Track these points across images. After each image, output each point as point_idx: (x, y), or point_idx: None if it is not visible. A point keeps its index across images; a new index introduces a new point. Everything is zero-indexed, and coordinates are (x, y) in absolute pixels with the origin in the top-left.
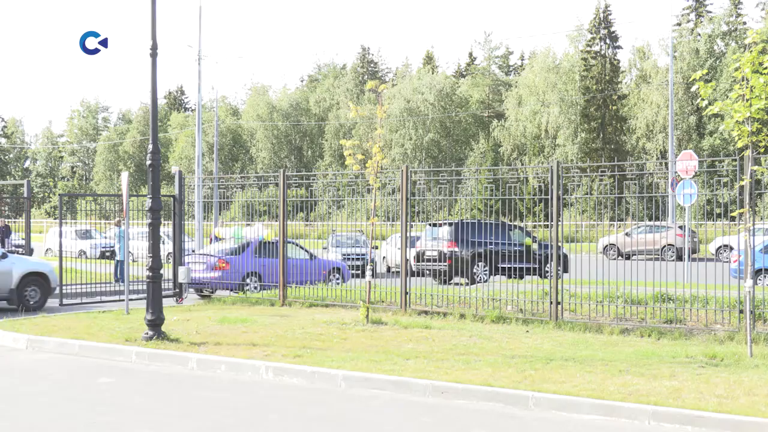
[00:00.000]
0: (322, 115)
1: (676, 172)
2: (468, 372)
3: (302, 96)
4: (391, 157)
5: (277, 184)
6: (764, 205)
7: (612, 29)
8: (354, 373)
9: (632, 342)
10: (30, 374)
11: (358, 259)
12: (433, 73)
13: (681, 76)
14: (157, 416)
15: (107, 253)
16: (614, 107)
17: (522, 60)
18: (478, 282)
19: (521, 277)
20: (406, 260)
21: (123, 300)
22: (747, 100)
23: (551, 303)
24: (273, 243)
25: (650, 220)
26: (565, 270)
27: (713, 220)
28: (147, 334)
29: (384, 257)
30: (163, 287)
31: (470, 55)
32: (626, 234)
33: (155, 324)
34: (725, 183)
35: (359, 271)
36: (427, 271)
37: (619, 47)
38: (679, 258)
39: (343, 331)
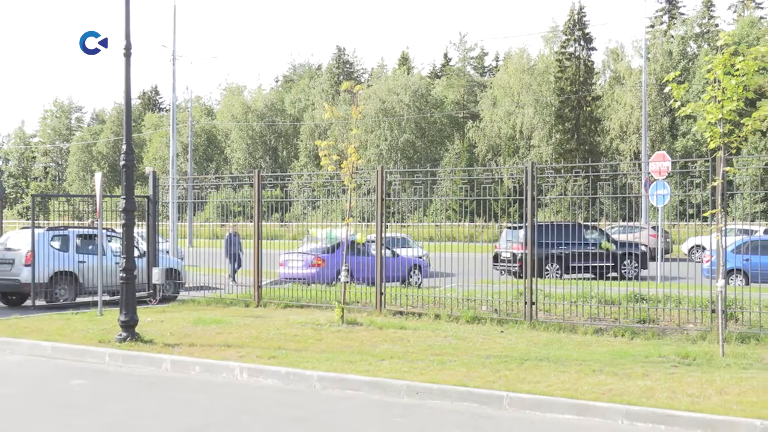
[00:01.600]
0: (297, 116)
1: (649, 173)
2: (443, 372)
3: (277, 96)
4: (366, 158)
5: (252, 185)
6: (736, 206)
7: (586, 31)
8: (329, 374)
9: (606, 342)
10: (1, 376)
11: None
12: (408, 74)
13: (654, 77)
14: (130, 418)
15: None
16: (588, 108)
17: (497, 61)
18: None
19: (601, 277)
20: (382, 260)
21: (97, 301)
22: (719, 102)
23: (526, 303)
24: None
25: (624, 220)
26: (644, 267)
27: (686, 221)
28: (120, 335)
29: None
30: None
31: (445, 55)
32: None
33: (129, 325)
34: (698, 184)
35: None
36: (504, 272)
37: (593, 49)
38: (653, 258)
39: (318, 331)
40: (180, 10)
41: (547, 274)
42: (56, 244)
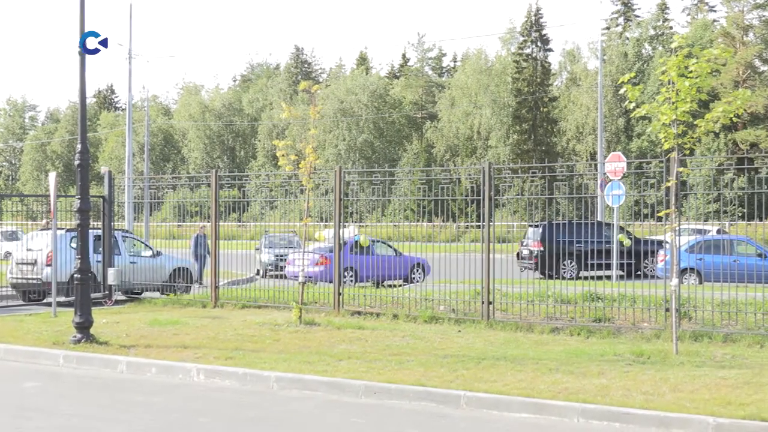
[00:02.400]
0: (255, 116)
1: (605, 174)
2: (401, 372)
3: (235, 96)
4: (324, 158)
5: (209, 185)
6: (690, 206)
7: (543, 32)
8: (287, 375)
9: (562, 341)
10: None
11: None
12: (366, 74)
13: (610, 79)
14: (85, 420)
15: None
16: (545, 109)
17: (455, 62)
18: (564, 277)
19: (629, 275)
20: (340, 260)
21: (51, 303)
22: (673, 103)
23: (483, 303)
24: (368, 244)
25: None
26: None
27: (641, 221)
28: (75, 337)
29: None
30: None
31: (404, 56)
32: None
33: (84, 327)
34: (652, 184)
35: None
36: (524, 268)
37: (550, 50)
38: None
39: (275, 332)
40: (136, 9)
41: (564, 272)
42: (75, 244)
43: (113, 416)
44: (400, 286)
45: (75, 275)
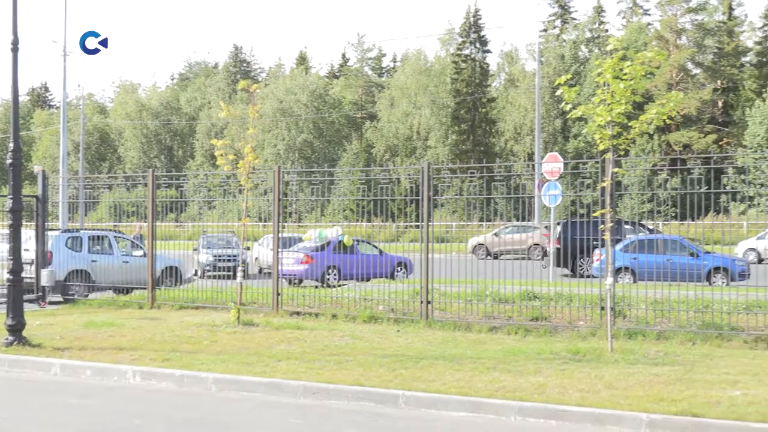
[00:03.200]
0: (193, 115)
1: (542, 174)
2: (340, 372)
3: (173, 95)
4: (263, 158)
5: (146, 185)
6: (625, 206)
7: (482, 34)
8: (224, 376)
9: (500, 339)
10: None
11: (229, 260)
12: (306, 74)
13: (547, 80)
14: (17, 424)
15: None
16: (484, 110)
17: (394, 62)
18: (581, 275)
19: None
20: (278, 261)
21: None
22: (608, 105)
23: (422, 302)
24: (351, 243)
25: (518, 220)
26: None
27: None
28: (7, 339)
29: (256, 258)
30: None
31: (343, 56)
32: (495, 234)
33: (16, 329)
34: (588, 184)
35: (230, 273)
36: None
37: (488, 51)
38: (545, 257)
39: (213, 333)
40: (71, 5)
41: (581, 270)
42: (70, 245)
43: (46, 419)
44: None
45: (7, 276)
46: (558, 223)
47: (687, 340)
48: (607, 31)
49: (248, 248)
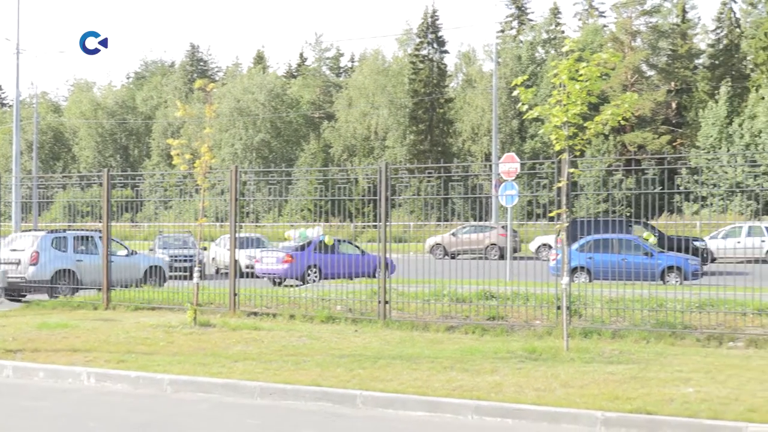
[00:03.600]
0: (149, 114)
1: (499, 174)
2: (297, 373)
3: (128, 94)
4: (220, 157)
5: (101, 184)
6: (580, 206)
7: (439, 34)
8: (180, 377)
9: (457, 339)
10: None
11: (185, 260)
12: (263, 73)
13: (504, 81)
14: None
15: None
16: (441, 110)
17: (352, 62)
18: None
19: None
20: (236, 261)
21: None
22: (564, 106)
23: (380, 302)
24: (332, 243)
25: (475, 220)
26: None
27: (534, 220)
28: None
29: (213, 258)
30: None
31: (301, 55)
32: (452, 234)
33: None
34: (545, 185)
35: (187, 273)
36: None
37: (446, 52)
38: (502, 257)
39: (169, 334)
40: (25, 2)
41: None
42: (56, 245)
43: None
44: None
45: None
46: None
47: (641, 338)
48: (563, 32)
49: (205, 248)
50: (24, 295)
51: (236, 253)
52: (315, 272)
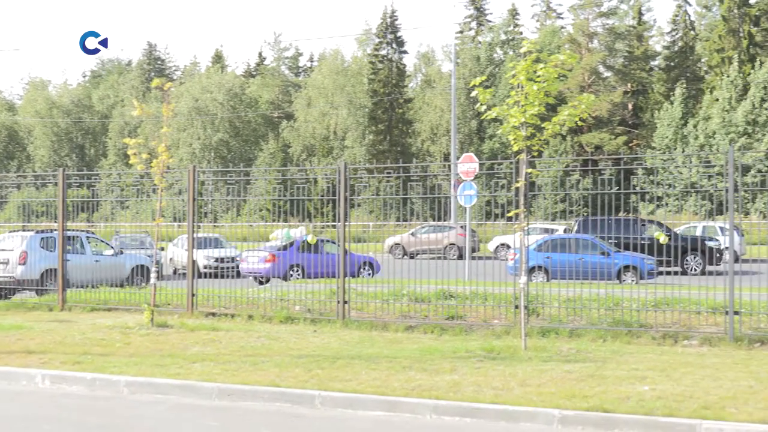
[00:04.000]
0: (106, 113)
1: (458, 174)
2: (255, 373)
3: (85, 92)
4: (178, 157)
5: (56, 184)
6: (538, 206)
7: (398, 34)
8: (137, 379)
9: (416, 339)
10: None
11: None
12: (222, 72)
13: (463, 81)
14: None
15: None
16: (400, 110)
17: (311, 61)
18: None
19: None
20: (194, 261)
21: None
22: (522, 106)
23: (339, 302)
24: (315, 243)
25: (434, 220)
26: (711, 263)
27: (492, 220)
28: None
29: (171, 259)
30: None
31: (260, 55)
32: (411, 234)
33: None
34: (503, 185)
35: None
36: None
37: (405, 52)
38: (461, 257)
39: (126, 335)
40: None
41: None
42: (44, 245)
43: None
44: None
45: None
46: (575, 221)
47: (598, 337)
48: (521, 33)
49: (162, 249)
50: (13, 294)
51: (194, 254)
52: (298, 271)
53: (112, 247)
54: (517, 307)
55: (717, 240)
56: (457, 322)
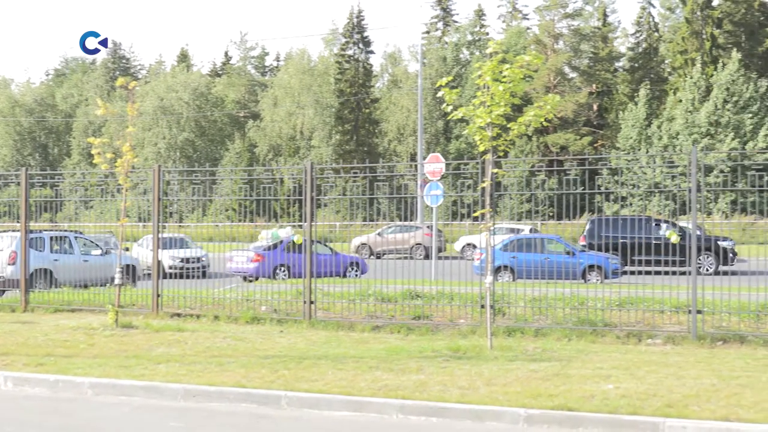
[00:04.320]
0: (69, 112)
1: (424, 174)
2: (221, 374)
3: (48, 91)
4: (143, 157)
5: (18, 183)
6: (504, 206)
7: (365, 34)
8: (101, 380)
9: (383, 338)
10: None
11: None
12: (188, 72)
13: (430, 81)
14: None
15: None
16: (367, 110)
17: (278, 61)
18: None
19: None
20: (159, 262)
21: None
22: (488, 107)
23: (305, 302)
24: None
25: (400, 220)
26: (725, 263)
27: (459, 220)
28: None
29: (135, 259)
30: None
31: (226, 54)
32: (378, 234)
33: None
34: (469, 185)
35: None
36: None
37: (371, 52)
38: (427, 256)
39: (90, 336)
40: None
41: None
42: (34, 245)
43: None
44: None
45: None
46: (589, 221)
47: (563, 336)
48: (487, 34)
49: (127, 249)
50: (2, 294)
51: (159, 254)
52: (284, 271)
53: (99, 247)
54: (483, 306)
55: (731, 240)
56: (424, 322)
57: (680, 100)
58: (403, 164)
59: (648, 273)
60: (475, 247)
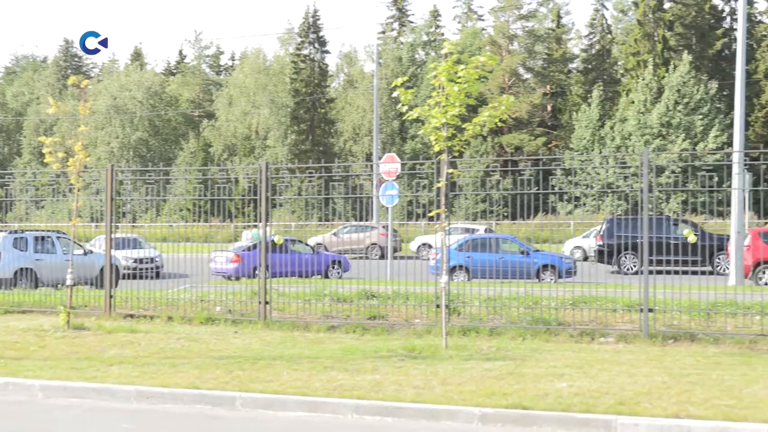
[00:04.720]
0: (20, 110)
1: (380, 174)
2: (175, 375)
3: None
4: (96, 156)
5: None
6: (460, 206)
7: (321, 34)
8: (52, 383)
9: (338, 339)
10: None
11: None
12: (141, 70)
13: (385, 81)
14: None
15: None
16: (323, 110)
17: (233, 60)
18: (625, 271)
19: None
20: (111, 263)
21: None
22: (443, 107)
23: (260, 303)
24: (281, 243)
25: (356, 220)
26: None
27: (414, 220)
28: None
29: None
30: None
31: (180, 53)
32: (334, 234)
33: None
34: (425, 185)
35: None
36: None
37: (327, 52)
38: (383, 256)
39: (41, 338)
40: None
41: (625, 266)
42: (17, 245)
43: None
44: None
45: None
46: (605, 221)
47: (518, 335)
48: (443, 35)
49: (89, 251)
50: None
51: (112, 255)
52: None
53: (82, 247)
54: (438, 306)
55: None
56: (379, 322)
57: (632, 102)
58: (359, 164)
59: (668, 273)
60: (430, 247)
